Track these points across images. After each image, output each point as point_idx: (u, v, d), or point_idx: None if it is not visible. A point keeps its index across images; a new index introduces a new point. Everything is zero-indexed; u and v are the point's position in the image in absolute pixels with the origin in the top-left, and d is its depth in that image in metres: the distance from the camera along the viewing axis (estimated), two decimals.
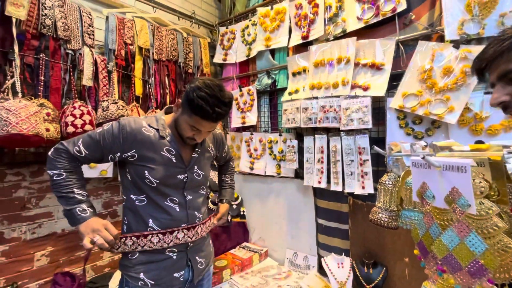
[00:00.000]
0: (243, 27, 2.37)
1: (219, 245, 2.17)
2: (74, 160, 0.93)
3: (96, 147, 0.93)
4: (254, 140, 2.31)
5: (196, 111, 0.90)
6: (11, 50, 1.40)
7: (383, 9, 1.56)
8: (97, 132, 0.94)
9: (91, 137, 0.93)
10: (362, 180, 1.60)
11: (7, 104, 1.28)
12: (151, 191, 0.98)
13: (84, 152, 0.92)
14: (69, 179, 0.90)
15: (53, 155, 0.91)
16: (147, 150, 0.96)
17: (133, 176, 0.97)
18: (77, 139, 0.93)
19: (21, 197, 1.61)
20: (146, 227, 0.97)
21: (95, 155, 0.94)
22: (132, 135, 0.94)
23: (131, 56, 1.94)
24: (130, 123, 0.95)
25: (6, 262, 1.55)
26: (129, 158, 0.96)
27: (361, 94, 1.60)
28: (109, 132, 0.93)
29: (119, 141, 0.93)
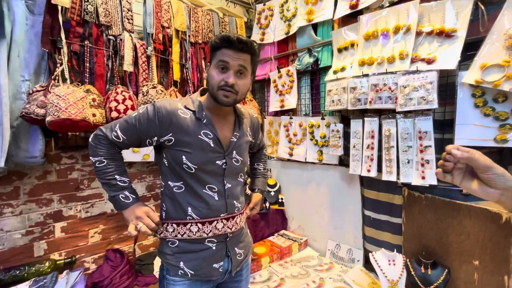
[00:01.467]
0: (282, 1, 2.19)
1: (257, 232, 2.14)
2: (113, 146, 0.91)
3: (133, 131, 0.89)
4: (293, 124, 2.17)
5: (218, 44, 0.87)
6: (59, 38, 1.45)
7: None
8: (132, 116, 0.90)
9: (127, 121, 0.90)
10: (422, 169, 1.38)
11: (57, 90, 1.34)
12: (190, 177, 0.92)
13: (121, 137, 0.89)
14: (110, 166, 0.90)
15: (93, 142, 0.90)
16: (184, 133, 0.90)
17: (170, 161, 0.92)
18: (114, 124, 0.91)
19: (75, 178, 1.73)
20: (186, 215, 0.93)
21: (133, 140, 0.91)
22: (168, 118, 0.88)
23: (169, 40, 1.91)
24: (165, 106, 0.89)
25: (66, 237, 1.70)
26: (166, 143, 0.90)
27: (424, 68, 1.35)
28: (144, 116, 0.89)
29: (155, 125, 0.88)
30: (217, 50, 0.88)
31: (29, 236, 1.57)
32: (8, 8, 1.40)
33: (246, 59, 0.88)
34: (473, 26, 1.27)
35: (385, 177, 1.52)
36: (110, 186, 0.89)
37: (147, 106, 0.91)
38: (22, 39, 1.43)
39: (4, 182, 1.49)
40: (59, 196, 1.67)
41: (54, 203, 1.66)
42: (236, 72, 0.87)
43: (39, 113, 1.34)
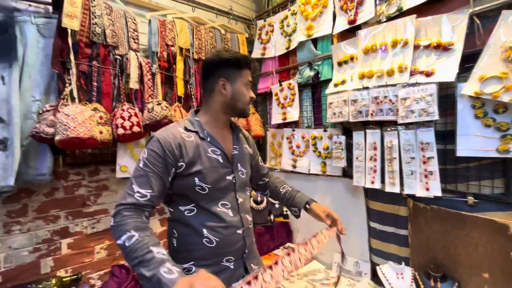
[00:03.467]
0: (282, 18, 2.25)
1: (262, 245, 2.12)
2: (141, 212, 0.81)
3: (155, 178, 0.84)
4: (296, 136, 2.19)
5: (245, 65, 0.98)
6: (69, 60, 1.50)
7: None
8: (142, 166, 0.84)
9: (142, 175, 0.83)
10: (426, 180, 1.38)
11: (66, 109, 1.38)
12: (202, 198, 0.91)
13: (147, 193, 0.82)
14: (142, 238, 0.75)
15: (115, 222, 0.80)
16: (193, 156, 0.91)
17: (179, 188, 0.90)
18: (130, 188, 0.82)
19: (82, 194, 1.76)
20: (202, 238, 0.91)
21: (159, 186, 0.85)
22: (177, 146, 0.88)
23: (173, 57, 1.97)
24: (168, 136, 0.89)
25: (72, 253, 1.71)
26: (177, 170, 0.89)
27: (423, 81, 1.37)
28: (156, 156, 0.86)
29: (169, 158, 0.87)
30: (242, 70, 0.99)
31: (36, 253, 1.58)
32: (20, 32, 1.47)
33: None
34: (470, 39, 1.29)
35: (388, 189, 1.52)
36: (146, 262, 0.71)
37: (150, 146, 0.88)
38: (34, 61, 1.49)
39: (13, 200, 1.51)
40: (66, 213, 1.69)
41: (61, 219, 1.68)
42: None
43: (49, 132, 1.38)
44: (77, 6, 1.51)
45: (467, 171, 1.35)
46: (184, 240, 0.90)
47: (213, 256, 0.94)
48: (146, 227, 0.79)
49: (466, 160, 1.34)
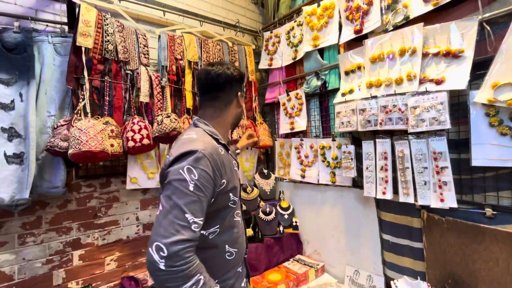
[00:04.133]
0: (288, 29, 2.28)
1: (271, 257, 2.08)
2: (196, 243, 0.73)
3: (206, 202, 0.77)
4: (304, 146, 2.18)
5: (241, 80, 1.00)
6: (82, 76, 1.56)
7: None
8: (191, 188, 0.73)
9: (195, 199, 0.73)
10: (440, 191, 1.34)
11: (79, 124, 1.43)
12: (231, 212, 0.91)
13: (201, 220, 0.74)
14: (208, 279, 0.73)
15: (176, 266, 0.66)
16: (229, 171, 0.89)
17: (213, 207, 0.83)
18: (181, 217, 0.70)
19: (93, 206, 1.79)
20: (224, 254, 0.90)
21: (205, 211, 0.77)
22: (220, 162, 0.83)
23: (181, 70, 2.02)
24: (211, 152, 0.80)
25: (83, 265, 1.73)
26: (217, 190, 0.82)
27: (433, 89, 1.35)
28: (207, 175, 0.77)
29: (218, 177, 0.81)
30: (242, 84, 1.03)
31: (49, 264, 1.61)
32: (38, 51, 1.54)
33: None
34: (481, 46, 1.27)
35: (402, 199, 1.47)
36: None
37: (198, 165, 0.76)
38: (50, 78, 1.56)
39: (28, 212, 1.56)
40: (78, 224, 1.73)
41: (73, 231, 1.71)
42: None
43: (63, 146, 1.43)
44: (91, 26, 1.58)
45: (484, 182, 1.30)
46: (207, 264, 0.79)
47: (232, 267, 0.94)
48: (202, 266, 0.74)
49: (482, 170, 1.29)
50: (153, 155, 1.90)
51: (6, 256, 1.49)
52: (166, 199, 0.72)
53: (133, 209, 1.95)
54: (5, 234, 1.50)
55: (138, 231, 1.96)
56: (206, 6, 2.42)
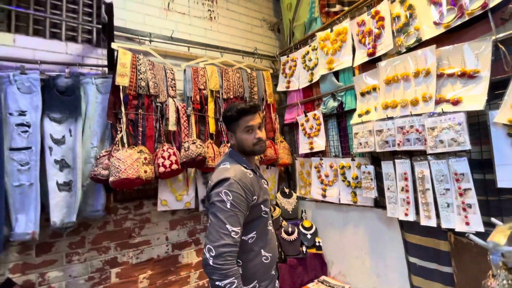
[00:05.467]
0: (304, 53, 2.38)
1: (295, 278, 2.09)
2: (236, 252, 0.98)
3: (241, 215, 1.01)
4: (324, 165, 2.21)
5: (238, 115, 1.13)
6: (120, 111, 1.78)
7: (468, 8, 1.32)
8: (228, 206, 0.98)
9: (231, 214, 0.98)
10: (464, 214, 1.30)
11: (118, 154, 1.61)
12: (265, 221, 1.14)
13: (238, 229, 0.99)
14: (240, 286, 0.95)
15: (218, 264, 0.92)
16: (259, 189, 1.13)
17: (249, 217, 1.07)
18: (223, 228, 0.96)
19: (128, 227, 1.96)
20: (261, 258, 1.10)
21: (242, 221, 1.02)
22: (250, 184, 1.07)
23: (204, 99, 2.19)
24: (240, 177, 1.05)
25: (119, 282, 1.87)
26: (251, 204, 1.07)
27: (450, 109, 1.34)
28: (240, 195, 1.01)
29: (248, 196, 1.05)
30: (239, 120, 1.14)
31: (90, 281, 1.78)
32: (84, 92, 1.79)
33: (259, 116, 1.17)
34: (498, 65, 1.26)
35: (424, 222, 1.45)
36: None
37: (231, 188, 1.00)
38: (93, 114, 1.79)
39: (74, 233, 1.75)
40: (115, 244, 1.89)
41: (111, 250, 1.88)
42: (258, 128, 1.16)
43: (104, 174, 1.62)
44: (127, 67, 1.81)
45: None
46: (249, 266, 1.06)
47: (269, 270, 1.13)
48: (239, 274, 0.99)
49: (510, 191, 1.24)
50: (181, 179, 2.05)
51: (55, 273, 1.68)
52: (212, 215, 1.00)
53: (163, 229, 2.09)
54: (55, 253, 1.69)
55: (168, 250, 2.09)
56: (226, 37, 2.62)
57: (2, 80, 1.56)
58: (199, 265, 2.19)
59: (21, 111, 1.58)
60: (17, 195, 1.53)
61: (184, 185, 2.07)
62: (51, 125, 1.66)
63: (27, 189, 1.54)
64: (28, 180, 1.55)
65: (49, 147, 1.63)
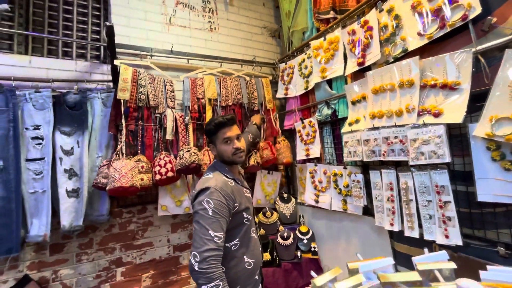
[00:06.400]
0: (300, 61, 2.42)
1: (290, 282, 2.14)
2: (220, 256, 1.03)
3: (223, 221, 1.07)
4: (318, 171, 2.24)
5: (216, 128, 1.23)
6: (120, 123, 1.92)
7: (449, 19, 1.30)
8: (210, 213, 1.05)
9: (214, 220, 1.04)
10: (444, 226, 1.29)
11: (115, 164, 1.76)
12: (247, 228, 1.20)
13: (222, 235, 1.05)
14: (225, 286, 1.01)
15: (202, 268, 0.98)
16: (240, 197, 1.20)
17: (232, 224, 1.13)
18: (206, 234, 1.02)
19: (132, 230, 2.11)
20: (244, 264, 1.16)
21: (226, 227, 1.09)
22: (230, 192, 1.15)
23: (202, 108, 2.29)
24: (221, 186, 1.12)
25: (124, 281, 2.03)
26: (233, 210, 1.14)
27: (431, 121, 1.34)
28: (221, 203, 1.08)
29: (229, 203, 1.11)
30: (217, 133, 1.26)
31: (98, 279, 1.95)
32: (90, 106, 1.96)
33: (236, 127, 1.26)
34: (479, 77, 1.24)
35: (407, 233, 1.45)
36: None
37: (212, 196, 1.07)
38: (98, 126, 1.95)
39: (83, 235, 1.93)
40: (120, 245, 2.06)
41: (117, 251, 2.04)
42: (236, 139, 1.24)
43: (104, 182, 1.77)
44: (128, 82, 1.95)
45: (495, 217, 1.22)
46: (232, 272, 1.11)
47: (252, 275, 1.19)
48: (224, 276, 1.03)
49: (492, 204, 1.22)
50: (180, 185, 2.17)
51: (67, 271, 1.87)
52: (196, 223, 1.08)
53: (165, 232, 2.23)
54: (66, 252, 1.88)
55: (169, 251, 2.23)
56: (225, 47, 2.71)
57: (20, 98, 1.76)
58: None
59: (35, 126, 1.77)
60: (32, 201, 1.72)
61: (185, 191, 2.19)
62: (62, 138, 1.84)
63: (41, 196, 1.73)
64: (41, 187, 1.74)
65: (60, 158, 1.80)
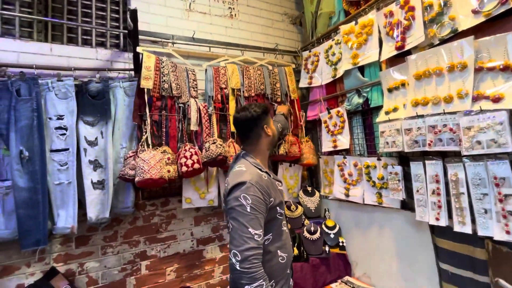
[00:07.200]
0: (326, 48, 2.30)
1: (317, 277, 2.07)
2: (261, 254, 0.99)
3: (262, 217, 1.03)
4: (347, 164, 2.14)
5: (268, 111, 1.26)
6: (145, 113, 1.85)
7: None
8: (248, 210, 1.00)
9: (252, 218, 0.99)
10: (505, 221, 1.19)
11: (142, 155, 1.69)
12: (280, 222, 1.15)
13: (260, 232, 1.00)
14: (268, 287, 0.97)
15: (245, 268, 0.93)
16: (274, 191, 1.14)
17: (266, 220, 1.08)
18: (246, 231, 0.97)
19: (156, 223, 2.06)
20: (278, 258, 1.11)
21: (263, 224, 1.04)
22: (266, 186, 1.09)
23: (226, 98, 2.20)
24: (257, 180, 1.07)
25: (149, 274, 1.99)
26: (269, 205, 1.08)
27: (489, 107, 1.22)
28: (259, 198, 1.03)
29: (265, 198, 1.07)
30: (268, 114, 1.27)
31: (123, 272, 1.91)
32: (113, 95, 1.89)
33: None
34: None
35: (457, 228, 1.35)
36: None
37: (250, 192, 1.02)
38: (121, 116, 1.89)
39: (108, 228, 1.89)
40: (144, 238, 2.01)
41: (141, 244, 2.00)
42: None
43: (131, 174, 1.71)
44: (151, 70, 1.87)
45: None
46: (266, 266, 1.04)
47: (285, 269, 1.15)
48: (266, 277, 0.99)
49: None
50: (203, 177, 2.11)
51: (93, 263, 1.83)
52: (234, 220, 1.01)
53: (188, 225, 2.18)
54: (92, 245, 1.84)
55: (193, 245, 2.18)
56: (247, 34, 2.60)
57: (43, 87, 1.70)
58: (222, 260, 2.26)
59: (59, 116, 1.71)
60: (58, 192, 1.67)
61: (205, 184, 2.12)
62: (85, 128, 1.78)
63: (66, 187, 1.68)
64: (67, 178, 1.69)
65: (84, 149, 1.75)
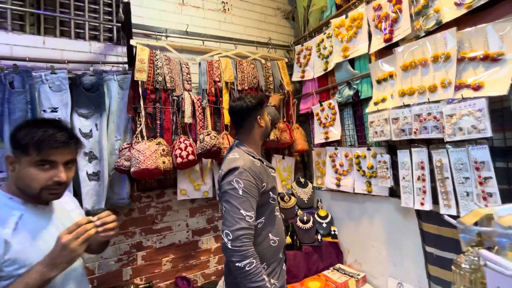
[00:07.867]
0: (318, 41, 2.34)
1: (310, 265, 2.13)
2: (252, 234, 1.03)
3: (254, 200, 1.07)
4: (339, 155, 2.19)
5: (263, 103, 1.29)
6: (139, 105, 1.88)
7: None
8: (240, 193, 1.04)
9: (244, 201, 1.03)
10: (485, 203, 1.26)
11: (138, 146, 1.72)
12: (273, 207, 1.19)
13: (252, 214, 1.05)
14: (258, 265, 1.00)
15: (236, 246, 0.98)
16: (267, 177, 1.18)
17: (259, 203, 1.12)
18: (237, 213, 1.01)
19: (151, 214, 2.09)
20: (269, 241, 1.15)
21: (255, 207, 1.07)
22: (258, 171, 1.13)
23: (219, 91, 2.24)
24: (250, 166, 1.11)
25: (145, 264, 2.03)
26: (261, 190, 1.12)
27: (470, 95, 1.28)
28: (250, 182, 1.07)
29: (258, 183, 1.10)
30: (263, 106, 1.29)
31: (119, 262, 1.94)
32: (107, 88, 1.90)
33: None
34: None
35: (443, 211, 1.41)
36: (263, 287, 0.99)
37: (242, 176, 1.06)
38: (115, 109, 1.90)
39: None
40: (140, 229, 2.04)
41: (137, 235, 2.02)
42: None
43: (126, 165, 1.74)
44: (145, 63, 1.89)
45: None
46: (257, 248, 1.08)
47: (277, 253, 1.18)
48: (257, 255, 1.02)
49: None
50: (198, 169, 2.14)
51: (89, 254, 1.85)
52: (226, 203, 1.06)
53: (183, 217, 2.21)
54: None
55: (188, 236, 2.21)
56: (239, 28, 2.63)
57: (36, 79, 1.70)
58: (217, 251, 2.30)
59: (53, 108, 1.72)
60: None
61: (200, 176, 2.16)
62: (80, 120, 1.80)
63: None
64: None
65: None
